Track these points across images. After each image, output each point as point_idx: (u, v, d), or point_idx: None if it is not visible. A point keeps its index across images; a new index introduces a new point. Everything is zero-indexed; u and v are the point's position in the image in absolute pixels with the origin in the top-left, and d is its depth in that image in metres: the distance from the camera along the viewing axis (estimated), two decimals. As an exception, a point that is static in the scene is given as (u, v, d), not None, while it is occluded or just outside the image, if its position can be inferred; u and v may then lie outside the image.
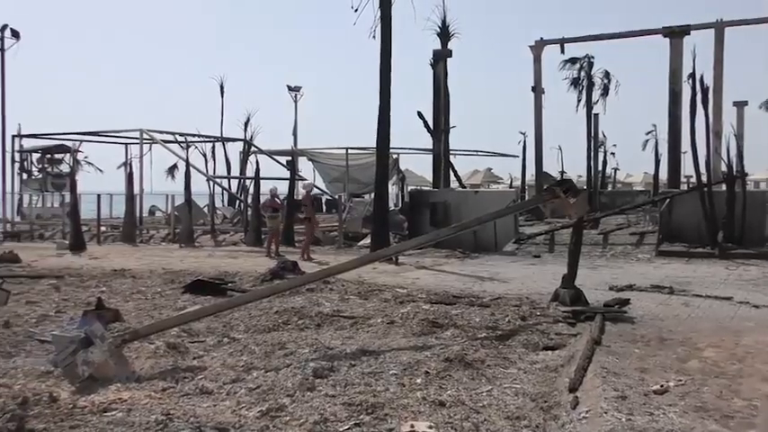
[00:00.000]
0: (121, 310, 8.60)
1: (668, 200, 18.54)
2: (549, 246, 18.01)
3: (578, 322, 8.06)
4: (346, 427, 4.50)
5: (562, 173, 36.52)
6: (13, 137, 27.92)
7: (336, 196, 27.23)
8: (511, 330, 7.65)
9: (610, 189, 38.83)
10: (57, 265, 15.10)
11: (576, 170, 44.59)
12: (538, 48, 34.81)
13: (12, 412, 4.39)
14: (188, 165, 23.96)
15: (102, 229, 24.02)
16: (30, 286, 11.49)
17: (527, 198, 28.85)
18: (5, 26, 28.07)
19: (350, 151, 28.36)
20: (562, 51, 34.26)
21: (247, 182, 28.27)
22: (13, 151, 27.94)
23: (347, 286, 10.93)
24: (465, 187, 28.85)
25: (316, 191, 25.71)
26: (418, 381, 5.55)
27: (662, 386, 5.17)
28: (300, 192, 23.55)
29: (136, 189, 24.43)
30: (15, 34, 28.24)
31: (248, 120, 33.05)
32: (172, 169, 31.55)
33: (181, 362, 6.34)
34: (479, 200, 18.97)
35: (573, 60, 34.31)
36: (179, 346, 6.80)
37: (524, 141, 39.84)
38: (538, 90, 34.73)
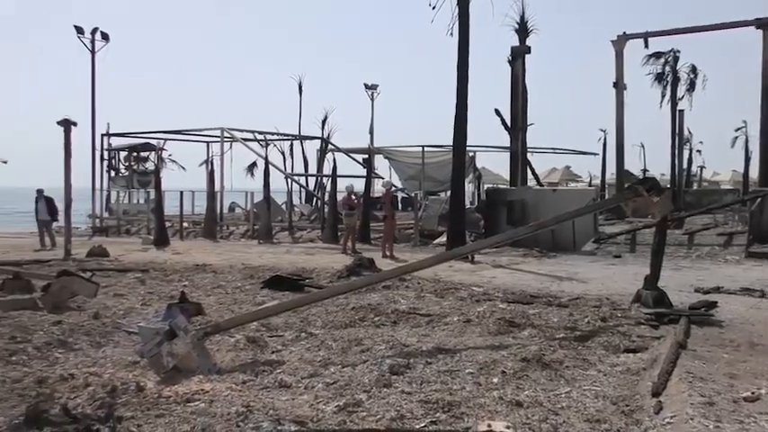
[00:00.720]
0: (203, 304, 8.83)
1: (760, 199, 17.76)
2: (630, 246, 17.53)
3: (661, 325, 7.79)
4: (422, 425, 4.49)
5: (644, 171, 35.56)
6: (102, 136, 29.08)
7: (412, 194, 27.24)
8: (590, 331, 7.48)
9: (695, 188, 37.51)
10: (142, 260, 15.64)
11: (659, 168, 43.30)
12: (620, 42, 33.94)
13: (102, 400, 4.56)
14: (267, 162, 24.44)
15: (185, 225, 24.77)
16: (117, 279, 11.94)
17: (607, 197, 28.18)
18: (96, 29, 29.24)
19: (426, 149, 28.32)
20: (646, 46, 33.34)
21: (324, 179, 28.64)
22: (102, 150, 29.09)
23: (423, 284, 10.91)
24: (542, 185, 28.39)
25: (394, 189, 25.78)
26: (495, 380, 5.48)
27: (753, 393, 4.94)
28: (379, 190, 23.68)
29: (217, 186, 25.09)
30: (105, 37, 29.40)
31: (326, 118, 33.54)
32: (251, 167, 32.26)
33: (260, 355, 6.47)
34: (557, 198, 18.62)
35: (657, 55, 33.34)
36: (258, 340, 6.94)
37: (604, 139, 38.98)
38: (620, 86, 33.86)
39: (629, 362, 6.26)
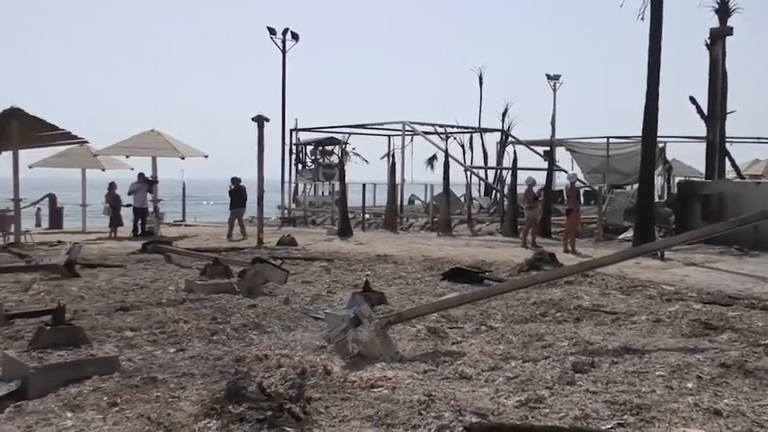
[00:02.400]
0: (385, 294, 9.04)
1: None
2: None
3: None
4: (609, 426, 4.30)
5: None
6: (291, 131, 30.67)
7: (596, 187, 26.22)
8: (801, 338, 6.78)
9: None
10: (327, 249, 16.33)
11: None
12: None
13: (292, 380, 4.80)
14: (447, 155, 24.59)
15: (366, 216, 25.54)
16: (305, 267, 12.55)
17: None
18: (287, 30, 30.88)
19: (611, 140, 27.13)
20: None
21: (504, 172, 28.33)
22: (290, 144, 30.69)
23: (608, 280, 10.47)
24: (743, 178, 26.19)
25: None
26: (689, 385, 5.12)
27: None
28: (564, 183, 23.04)
29: (398, 179, 25.61)
30: (295, 36, 30.97)
31: (506, 110, 33.11)
32: (431, 160, 32.59)
33: (440, 346, 6.51)
34: (761, 192, 17.11)
35: None
36: (439, 331, 6.99)
37: (818, 127, 35.18)
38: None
39: None
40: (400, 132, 27.38)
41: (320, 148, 32.41)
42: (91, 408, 4.59)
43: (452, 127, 29.84)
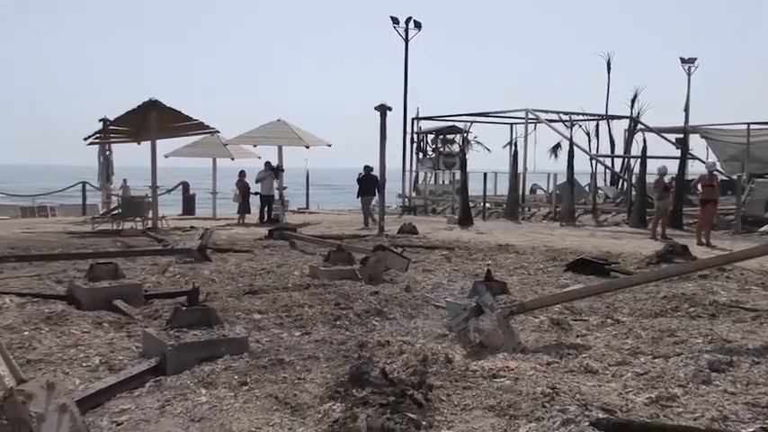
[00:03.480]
0: (507, 283, 8.91)
1: None
2: None
3: None
4: (751, 430, 4.03)
5: None
6: (412, 120, 30.74)
7: (734, 176, 24.71)
8: None
9: None
10: (447, 238, 16.30)
11: None
12: None
13: (414, 367, 4.81)
14: (571, 144, 23.92)
15: (487, 205, 25.29)
16: (425, 256, 12.58)
17: None
18: (410, 18, 30.93)
19: (752, 127, 25.45)
20: None
21: (632, 161, 27.23)
22: (412, 133, 30.79)
23: (747, 275, 9.85)
24: None
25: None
26: (841, 390, 4.73)
27: None
28: (697, 172, 21.88)
29: (520, 168, 25.18)
30: (418, 25, 30.98)
31: (635, 96, 31.69)
32: (555, 148, 31.75)
33: (564, 338, 6.35)
34: None
35: None
36: (562, 323, 6.81)
37: None
38: None
39: None
40: (523, 120, 26.87)
41: (441, 136, 32.34)
42: (223, 385, 4.79)
43: (578, 114, 28.94)
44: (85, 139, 21.30)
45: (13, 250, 12.58)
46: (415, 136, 31.16)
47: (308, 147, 22.83)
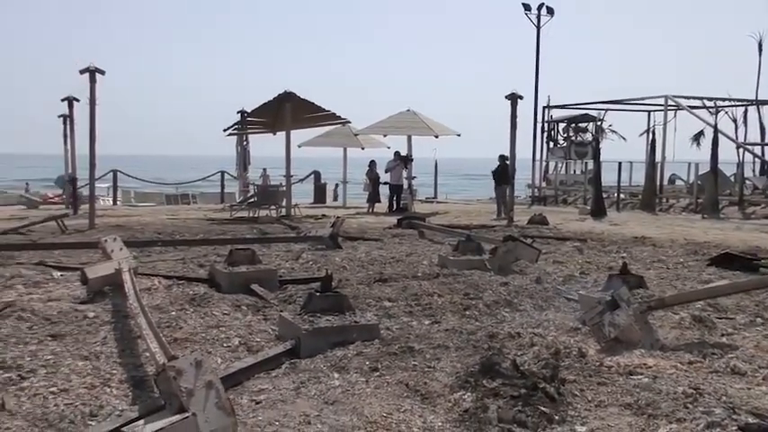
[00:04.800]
0: (644, 277, 8.54)
1: None
2: None
3: None
4: None
5: None
6: (543, 108, 30.08)
7: None
8: None
9: None
10: (579, 229, 15.85)
11: None
12: None
13: (546, 360, 4.71)
14: (716, 131, 22.57)
15: (621, 196, 24.36)
16: (556, 247, 12.28)
17: None
18: (542, 5, 30.23)
19: None
20: None
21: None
22: (542, 122, 30.13)
23: None
24: None
25: None
26: None
27: None
28: None
29: (657, 157, 24.07)
30: (550, 11, 30.23)
31: (791, 79, 29.43)
32: (697, 136, 30.10)
33: (708, 337, 6.00)
34: None
35: None
36: (705, 321, 6.43)
37: None
38: None
39: None
40: (662, 107, 25.61)
41: (573, 125, 31.46)
42: (355, 370, 4.89)
43: (723, 100, 27.25)
44: (225, 130, 22.36)
45: (159, 235, 13.41)
46: (546, 125, 30.47)
47: (437, 136, 22.87)
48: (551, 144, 31.36)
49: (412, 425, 3.98)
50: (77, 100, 19.69)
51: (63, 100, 20.68)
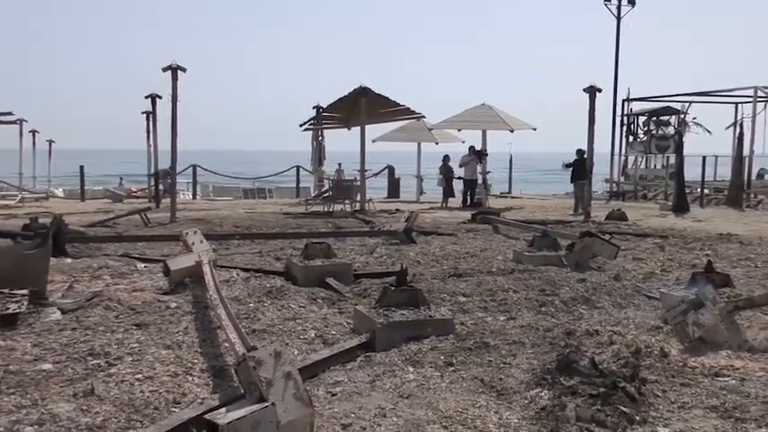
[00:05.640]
0: (730, 276, 8.22)
1: None
2: None
3: None
4: None
5: None
6: (623, 101, 29.31)
7: None
8: None
9: None
10: (659, 226, 15.37)
11: None
12: None
13: (626, 359, 4.59)
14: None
15: (705, 191, 23.51)
16: (635, 243, 11.95)
17: None
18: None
19: None
20: None
21: None
22: (621, 115, 29.37)
23: None
24: None
25: None
26: None
27: None
28: None
29: (745, 151, 23.12)
30: (631, 2, 29.36)
31: None
32: (788, 129, 28.73)
33: (798, 339, 5.72)
34: None
35: None
36: (796, 322, 6.15)
37: None
38: None
39: None
40: (751, 99, 24.54)
41: (654, 118, 30.55)
42: (429, 365, 4.89)
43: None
44: (301, 125, 22.66)
45: (237, 229, 13.73)
46: (626, 118, 29.69)
47: (512, 130, 22.57)
48: (631, 138, 30.55)
49: (487, 421, 3.94)
50: (160, 97, 20.30)
51: (146, 97, 21.35)
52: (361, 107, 19.11)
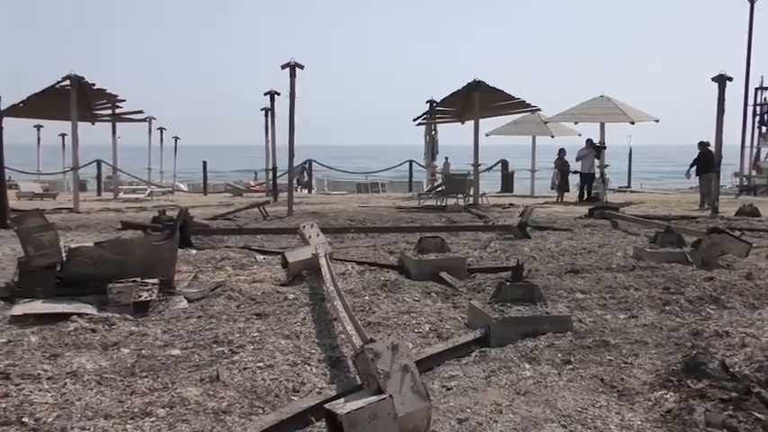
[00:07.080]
0: None
1: None
2: None
3: None
4: None
5: None
6: (756, 90, 27.66)
7: None
8: None
9: None
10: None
11: None
12: None
13: (760, 363, 4.31)
14: None
15: None
16: (768, 241, 11.23)
17: None
18: (755, -23, 27.71)
19: None
20: None
21: None
22: (754, 105, 27.73)
23: None
24: None
25: None
26: None
27: None
28: None
29: None
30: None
31: None
32: None
33: None
34: None
35: None
36: None
37: None
38: None
39: None
40: None
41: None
42: (546, 362, 4.78)
43: None
44: (415, 119, 22.75)
45: (351, 222, 13.95)
46: (758, 108, 27.99)
47: (632, 123, 21.77)
48: (764, 129, 28.78)
49: (608, 421, 3.81)
50: (278, 94, 20.92)
51: (265, 94, 22.07)
52: (475, 101, 18.97)
